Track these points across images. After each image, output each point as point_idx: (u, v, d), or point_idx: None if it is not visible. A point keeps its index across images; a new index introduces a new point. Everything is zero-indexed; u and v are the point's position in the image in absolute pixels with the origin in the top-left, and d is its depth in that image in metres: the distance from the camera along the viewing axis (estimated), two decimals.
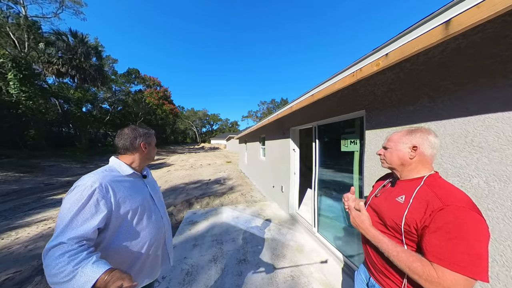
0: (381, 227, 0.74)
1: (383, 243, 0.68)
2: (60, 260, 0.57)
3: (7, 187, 6.55)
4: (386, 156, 0.78)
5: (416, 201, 0.65)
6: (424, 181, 0.68)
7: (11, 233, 3.18)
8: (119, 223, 0.77)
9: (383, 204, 0.77)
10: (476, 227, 0.54)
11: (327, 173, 2.56)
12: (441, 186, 0.65)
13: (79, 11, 18.21)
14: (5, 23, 13.46)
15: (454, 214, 0.56)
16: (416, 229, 0.62)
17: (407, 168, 0.73)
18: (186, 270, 1.96)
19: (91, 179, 0.74)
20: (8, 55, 11.10)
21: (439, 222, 0.57)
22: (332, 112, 2.11)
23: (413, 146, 0.70)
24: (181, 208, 4.08)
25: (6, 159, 9.79)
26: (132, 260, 0.81)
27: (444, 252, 0.54)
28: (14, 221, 3.71)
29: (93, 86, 18.10)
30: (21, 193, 5.90)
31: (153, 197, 0.97)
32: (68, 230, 0.63)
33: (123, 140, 0.89)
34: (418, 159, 0.71)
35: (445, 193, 0.61)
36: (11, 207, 4.60)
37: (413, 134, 0.72)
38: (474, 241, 0.53)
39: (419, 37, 0.87)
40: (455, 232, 0.54)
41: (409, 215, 0.64)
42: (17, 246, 2.74)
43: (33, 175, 8.40)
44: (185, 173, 9.12)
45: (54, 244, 0.60)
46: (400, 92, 1.30)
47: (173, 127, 52.40)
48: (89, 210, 0.68)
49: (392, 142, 0.77)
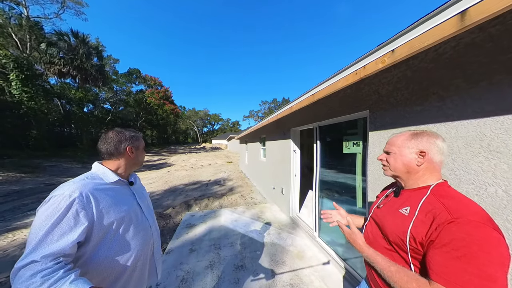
0: (384, 243, 0.67)
1: (377, 263, 0.62)
2: (31, 281, 0.50)
3: (8, 187, 6.56)
4: (390, 162, 0.70)
5: (422, 213, 0.58)
6: (431, 191, 0.61)
7: (8, 235, 3.14)
8: (102, 235, 0.70)
9: (385, 217, 0.70)
10: (492, 245, 0.46)
11: (328, 174, 2.47)
12: (451, 196, 0.57)
13: (80, 11, 18.36)
14: (7, 23, 13.58)
15: (465, 229, 0.48)
16: (422, 245, 0.55)
17: (413, 176, 0.66)
18: (182, 277, 1.89)
19: (69, 188, 0.67)
20: (11, 55, 11.18)
21: (447, 237, 0.50)
22: (334, 112, 2.02)
23: (421, 151, 0.63)
24: (179, 210, 4.02)
25: (7, 159, 9.84)
26: (116, 275, 0.73)
27: (449, 272, 0.47)
28: (13, 222, 3.68)
29: (94, 86, 18.16)
30: (21, 194, 5.89)
31: (141, 205, 0.90)
32: (42, 247, 0.56)
33: (107, 144, 0.82)
34: (426, 166, 0.63)
35: (455, 205, 0.54)
36: (10, 208, 4.59)
37: (419, 137, 0.64)
38: (488, 262, 0.45)
39: (430, 30, 0.79)
40: (464, 250, 0.46)
41: (413, 229, 0.57)
42: (12, 249, 2.70)
43: (34, 176, 8.42)
44: (186, 173, 9.08)
45: (24, 263, 0.53)
46: (407, 91, 1.22)
47: (175, 127, 52.58)
48: (67, 223, 0.61)
49: (395, 146, 0.68)
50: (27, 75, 11.59)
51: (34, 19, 15.47)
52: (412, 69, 1.17)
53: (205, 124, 76.81)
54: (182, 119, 59.05)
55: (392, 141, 0.71)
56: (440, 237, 0.51)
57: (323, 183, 2.52)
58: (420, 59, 1.12)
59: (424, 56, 1.09)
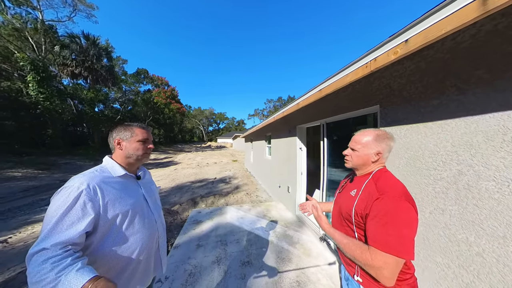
0: (341, 220, 0.83)
1: (335, 238, 0.76)
2: (42, 267, 0.53)
3: (27, 183, 6.95)
4: (353, 157, 0.83)
5: (364, 193, 0.73)
6: (372, 175, 0.77)
7: (28, 227, 3.34)
8: (108, 227, 0.72)
9: (341, 199, 0.88)
10: (405, 213, 0.62)
11: (336, 173, 2.42)
12: (384, 178, 0.73)
13: (91, 14, 18.96)
14: (24, 28, 14.26)
15: (386, 202, 0.64)
16: (362, 218, 0.70)
17: (366, 167, 0.81)
18: (189, 270, 1.93)
19: (79, 180, 0.69)
20: (27, 58, 11.75)
21: (375, 210, 0.65)
22: (342, 108, 1.97)
23: (378, 152, 0.77)
24: (186, 207, 4.10)
25: (26, 157, 10.41)
26: (122, 266, 0.76)
27: (377, 235, 0.62)
28: (31, 216, 3.90)
29: (104, 86, 18.80)
30: (39, 189, 6.22)
31: (147, 200, 0.91)
32: (52, 235, 0.59)
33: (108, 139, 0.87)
34: (378, 161, 0.79)
35: (383, 185, 0.70)
36: (30, 202, 4.86)
37: (381, 141, 0.77)
38: (401, 225, 0.60)
39: (447, 17, 0.74)
40: (386, 219, 0.62)
41: (357, 206, 0.73)
42: (32, 240, 2.87)
43: (50, 172, 8.87)
44: (192, 171, 9.23)
45: (36, 250, 0.56)
46: (421, 84, 1.16)
47: (181, 126, 53.46)
48: (76, 214, 0.64)
49: (360, 145, 0.80)
50: (42, 77, 12.16)
51: (49, 23, 16.13)
52: (427, 60, 1.11)
53: (211, 123, 77.53)
54: (188, 118, 59.94)
55: (357, 139, 0.82)
56: (371, 211, 0.66)
57: (331, 182, 2.47)
58: (435, 49, 1.06)
59: (440, 46, 1.03)
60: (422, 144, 1.16)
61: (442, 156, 1.06)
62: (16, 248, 2.65)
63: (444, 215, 1.05)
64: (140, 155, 0.86)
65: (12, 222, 3.59)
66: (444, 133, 1.04)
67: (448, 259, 1.03)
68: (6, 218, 3.78)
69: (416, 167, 1.20)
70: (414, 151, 1.21)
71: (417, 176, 1.20)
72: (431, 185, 1.11)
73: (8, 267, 2.18)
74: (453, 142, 1.01)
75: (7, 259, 2.35)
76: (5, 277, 2.01)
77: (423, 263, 1.16)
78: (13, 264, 2.23)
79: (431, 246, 1.12)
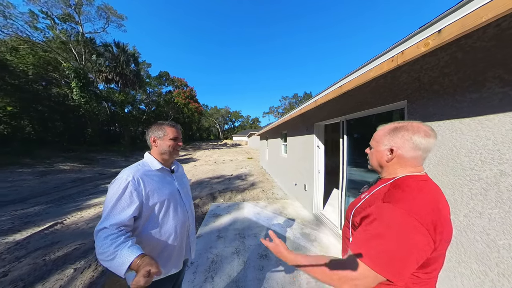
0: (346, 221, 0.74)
1: (300, 267, 0.56)
2: (104, 242, 0.67)
3: (74, 175, 8.11)
4: (370, 156, 0.70)
5: (372, 197, 0.62)
6: (392, 181, 0.60)
7: (78, 213, 3.92)
8: (149, 214, 0.85)
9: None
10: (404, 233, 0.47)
11: (357, 172, 2.34)
12: (406, 187, 0.55)
13: (121, 24, 20.87)
14: (69, 41, 16.41)
15: (383, 211, 0.52)
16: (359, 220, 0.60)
17: (385, 169, 0.65)
18: (212, 259, 2.09)
19: (126, 173, 0.83)
20: (72, 67, 13.57)
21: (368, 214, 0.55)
22: (364, 104, 1.89)
23: (391, 148, 0.61)
24: (206, 201, 4.35)
25: (72, 153, 12.09)
26: (161, 248, 0.88)
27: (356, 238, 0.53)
28: (80, 203, 4.56)
29: (132, 89, 20.59)
30: (83, 181, 7.21)
31: (180, 191, 1.02)
32: (110, 217, 0.74)
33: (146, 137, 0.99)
34: (396, 161, 0.61)
35: (398, 193, 0.54)
36: (77, 191, 5.68)
37: (395, 133, 0.61)
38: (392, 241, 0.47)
39: (489, 3, 0.68)
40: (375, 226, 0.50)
41: (358, 208, 0.63)
42: (81, 223, 3.37)
43: (91, 166, 10.18)
44: (209, 168, 9.66)
45: (100, 228, 0.72)
46: (456, 76, 1.07)
47: (198, 125, 55.89)
48: (125, 201, 0.78)
49: (374, 140, 0.68)
50: (83, 83, 13.94)
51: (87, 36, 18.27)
52: (465, 49, 1.02)
53: (226, 121, 79.47)
54: (205, 117, 62.31)
55: (374, 135, 0.69)
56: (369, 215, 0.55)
57: (351, 182, 2.39)
58: (475, 38, 0.96)
59: (481, 34, 0.94)
60: (457, 142, 1.08)
61: (482, 155, 0.97)
62: (70, 229, 3.15)
63: (481, 219, 0.97)
64: (172, 151, 0.97)
65: (65, 207, 4.25)
66: (484, 130, 0.95)
67: (486, 266, 0.95)
68: (61, 204, 4.50)
69: (449, 166, 1.12)
70: (447, 149, 1.13)
71: (450, 176, 1.11)
72: (467, 186, 1.03)
73: (66, 243, 2.62)
74: (495, 140, 0.91)
75: (64, 237, 2.83)
76: (65, 251, 2.43)
77: (455, 269, 1.09)
78: (69, 242, 2.67)
79: (465, 252, 1.04)
